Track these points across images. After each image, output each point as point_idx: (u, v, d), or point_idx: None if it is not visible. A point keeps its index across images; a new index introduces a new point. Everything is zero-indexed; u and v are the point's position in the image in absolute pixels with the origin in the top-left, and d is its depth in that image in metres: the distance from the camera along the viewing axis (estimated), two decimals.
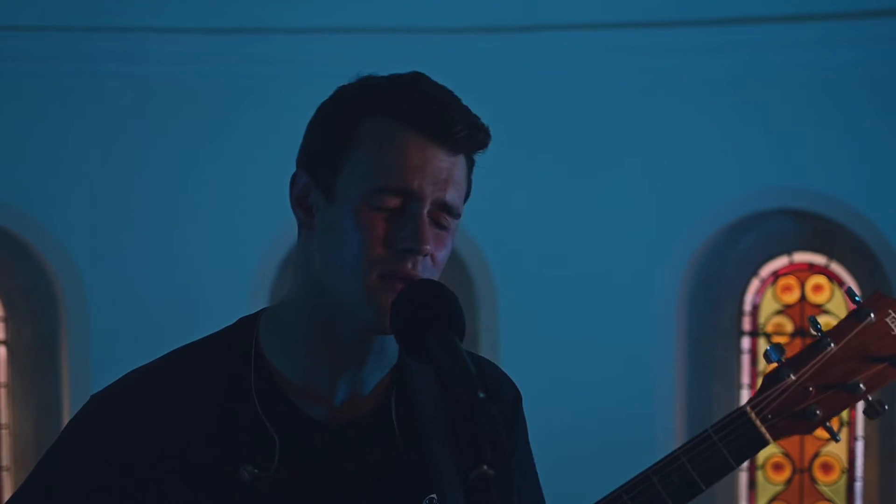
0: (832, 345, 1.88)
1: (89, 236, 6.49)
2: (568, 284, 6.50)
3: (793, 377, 1.88)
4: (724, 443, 1.85)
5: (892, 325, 1.88)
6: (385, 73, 1.87)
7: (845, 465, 6.66)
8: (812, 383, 1.88)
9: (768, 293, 6.77)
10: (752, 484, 6.73)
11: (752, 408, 1.87)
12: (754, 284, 6.77)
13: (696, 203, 6.50)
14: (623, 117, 6.47)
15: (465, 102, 1.85)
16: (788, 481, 6.72)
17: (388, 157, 1.79)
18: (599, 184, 6.51)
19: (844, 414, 6.60)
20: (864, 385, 1.87)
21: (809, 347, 1.90)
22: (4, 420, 6.71)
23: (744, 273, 6.76)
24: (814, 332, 1.90)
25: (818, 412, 1.88)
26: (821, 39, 6.27)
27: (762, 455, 6.71)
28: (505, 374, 2.04)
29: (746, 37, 6.35)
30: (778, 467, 6.72)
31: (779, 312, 6.73)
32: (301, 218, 1.86)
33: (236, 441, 1.84)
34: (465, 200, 1.86)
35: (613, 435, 6.24)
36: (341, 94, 1.87)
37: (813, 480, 6.69)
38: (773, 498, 6.74)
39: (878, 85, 6.33)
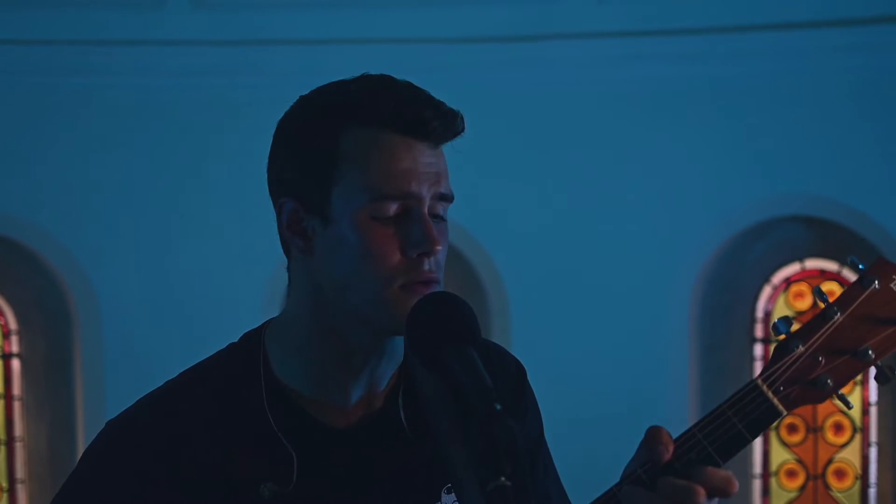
0: (839, 314, 1.87)
1: (100, 247, 6.50)
2: (580, 291, 6.50)
3: (802, 348, 1.87)
4: (739, 417, 1.84)
5: None
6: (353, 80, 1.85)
7: (859, 471, 6.64)
8: (821, 353, 1.87)
9: (780, 300, 6.76)
10: (766, 491, 6.72)
11: (764, 380, 1.86)
12: (766, 291, 6.77)
13: (708, 210, 6.51)
14: (634, 124, 6.48)
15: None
16: (802, 488, 6.70)
17: (379, 165, 1.79)
18: (611, 190, 6.51)
19: (858, 420, 6.62)
20: (872, 351, 1.86)
21: (816, 317, 1.89)
22: (19, 433, 6.72)
23: (756, 280, 6.76)
24: (820, 302, 1.88)
25: (829, 381, 1.86)
26: (832, 46, 6.28)
27: (776, 462, 6.71)
28: (507, 352, 2.05)
29: (757, 44, 6.36)
30: (791, 474, 6.70)
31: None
32: (298, 244, 1.85)
33: (253, 458, 1.84)
34: None
35: (624, 442, 6.23)
36: (308, 110, 1.86)
37: (827, 487, 6.68)
38: None
39: (888, 90, 6.32)
